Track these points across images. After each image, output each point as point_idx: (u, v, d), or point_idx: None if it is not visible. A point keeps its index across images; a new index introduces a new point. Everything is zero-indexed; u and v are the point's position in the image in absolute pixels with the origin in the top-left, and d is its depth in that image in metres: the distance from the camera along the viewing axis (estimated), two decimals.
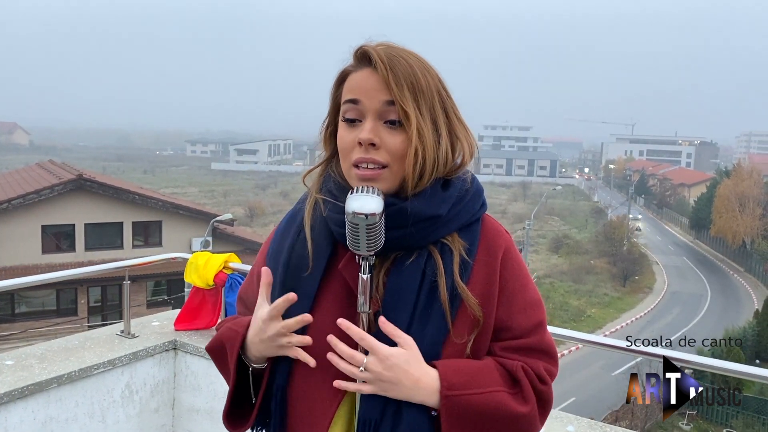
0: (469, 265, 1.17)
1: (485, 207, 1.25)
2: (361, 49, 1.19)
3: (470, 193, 1.22)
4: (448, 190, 1.19)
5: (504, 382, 1.15)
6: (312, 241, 1.23)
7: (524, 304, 1.21)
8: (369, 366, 1.10)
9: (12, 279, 3.10)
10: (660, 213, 74.86)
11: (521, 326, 1.20)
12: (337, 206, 1.19)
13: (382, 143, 1.15)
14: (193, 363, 3.15)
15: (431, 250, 1.17)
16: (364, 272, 1.14)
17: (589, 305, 36.36)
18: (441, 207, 1.17)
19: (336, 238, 1.21)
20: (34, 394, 2.64)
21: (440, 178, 1.19)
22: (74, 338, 3.18)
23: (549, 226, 60.11)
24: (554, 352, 1.24)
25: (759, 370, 2.18)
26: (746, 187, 49.01)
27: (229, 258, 3.22)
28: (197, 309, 3.30)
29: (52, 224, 23.03)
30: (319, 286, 1.20)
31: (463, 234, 1.20)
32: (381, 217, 1.10)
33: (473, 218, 1.22)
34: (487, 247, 1.20)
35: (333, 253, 1.22)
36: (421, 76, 1.15)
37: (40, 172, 27.04)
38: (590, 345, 2.60)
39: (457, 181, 1.21)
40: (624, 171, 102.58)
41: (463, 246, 1.18)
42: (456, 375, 1.12)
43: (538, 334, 1.21)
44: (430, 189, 1.17)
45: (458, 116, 1.21)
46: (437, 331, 1.14)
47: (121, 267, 3.34)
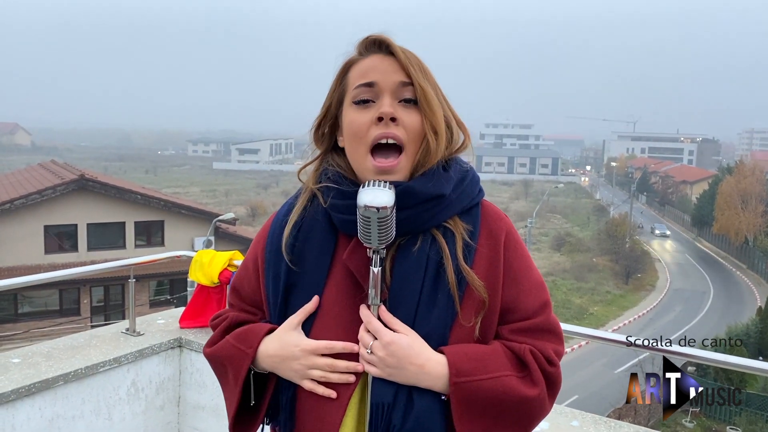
0: (473, 248, 1.19)
1: (483, 192, 1.28)
2: (371, 37, 1.23)
3: (469, 176, 1.25)
4: (448, 171, 1.22)
5: (512, 366, 1.16)
6: (314, 234, 1.23)
7: (529, 285, 1.23)
8: (374, 349, 1.13)
9: (18, 277, 3.11)
10: (662, 210, 74.80)
11: (528, 307, 1.21)
12: (341, 192, 1.20)
13: (400, 121, 1.18)
14: (198, 360, 3.17)
15: (435, 234, 1.19)
16: (375, 265, 1.15)
17: (591, 303, 36.35)
18: (445, 186, 1.20)
19: (337, 228, 1.22)
20: (41, 391, 2.65)
21: (440, 160, 1.22)
22: (80, 336, 3.19)
23: (551, 224, 60.07)
24: (560, 331, 1.25)
25: (761, 363, 2.19)
26: (748, 184, 48.97)
27: (234, 256, 3.23)
28: (202, 307, 3.32)
29: (54, 224, 23.09)
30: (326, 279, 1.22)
31: (464, 218, 1.22)
32: (392, 210, 1.12)
33: (473, 202, 1.24)
34: (488, 231, 1.23)
35: (335, 243, 1.23)
36: (423, 63, 1.22)
37: (42, 172, 27.10)
38: (594, 340, 2.61)
39: (455, 165, 1.24)
40: (626, 168, 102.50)
41: (466, 229, 1.20)
42: (464, 361, 1.13)
43: (544, 313, 1.23)
44: (432, 170, 1.20)
45: (449, 103, 1.27)
46: (444, 314, 1.16)
47: (126, 265, 3.35)
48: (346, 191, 1.19)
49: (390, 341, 1.12)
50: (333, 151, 1.29)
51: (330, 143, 1.29)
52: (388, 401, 1.13)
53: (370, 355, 1.13)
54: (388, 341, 1.12)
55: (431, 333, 1.15)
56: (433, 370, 1.13)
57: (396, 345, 1.12)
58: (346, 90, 1.24)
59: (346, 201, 1.19)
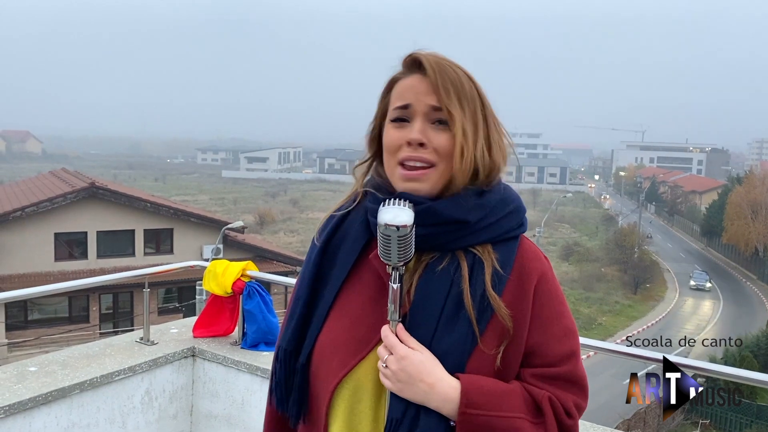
0: (504, 278, 1.19)
1: (525, 227, 1.27)
2: (411, 57, 1.26)
3: (509, 207, 1.25)
4: (483, 198, 1.22)
5: (528, 410, 1.14)
6: (351, 230, 1.29)
7: (559, 332, 1.21)
8: (388, 363, 1.15)
9: (35, 287, 3.17)
10: (671, 220, 74.44)
11: (554, 353, 1.19)
12: (376, 198, 1.25)
13: (429, 143, 1.21)
14: (211, 369, 3.20)
15: (460, 257, 1.20)
16: (395, 281, 1.17)
17: (600, 313, 36.18)
18: (471, 213, 1.20)
19: (371, 229, 1.26)
20: (57, 400, 2.69)
21: (477, 187, 1.23)
22: (95, 345, 3.23)
23: (559, 233, 59.90)
24: (585, 385, 1.22)
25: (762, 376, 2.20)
26: (758, 194, 48.71)
27: (247, 266, 3.27)
28: (215, 316, 3.35)
29: (64, 232, 23.23)
30: (350, 273, 1.26)
31: (497, 248, 1.22)
32: (412, 229, 1.15)
33: (509, 235, 1.23)
34: (521, 267, 1.21)
35: (368, 242, 1.27)
36: (465, 83, 1.23)
37: (53, 180, 27.30)
38: (603, 352, 2.62)
39: (493, 193, 1.24)
40: (635, 178, 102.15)
41: (496, 258, 1.20)
42: (478, 393, 1.12)
43: (570, 363, 1.20)
44: (463, 194, 1.21)
45: (496, 123, 1.27)
46: (463, 338, 1.16)
47: (141, 275, 3.40)
48: (380, 197, 1.23)
49: (403, 356, 1.14)
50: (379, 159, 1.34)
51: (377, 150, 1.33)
52: (398, 417, 1.15)
53: (385, 369, 1.16)
54: (402, 355, 1.14)
55: (447, 355, 1.15)
56: (443, 391, 1.12)
57: (408, 360, 1.13)
58: (388, 106, 1.28)
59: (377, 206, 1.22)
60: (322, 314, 1.25)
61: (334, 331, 1.23)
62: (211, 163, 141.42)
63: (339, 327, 1.23)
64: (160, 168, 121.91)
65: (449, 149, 1.20)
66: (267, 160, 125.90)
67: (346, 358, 1.20)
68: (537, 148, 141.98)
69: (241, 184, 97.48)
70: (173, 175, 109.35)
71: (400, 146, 1.22)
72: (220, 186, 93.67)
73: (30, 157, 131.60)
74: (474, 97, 1.23)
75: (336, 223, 1.31)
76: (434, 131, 1.21)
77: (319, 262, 1.29)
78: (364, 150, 1.35)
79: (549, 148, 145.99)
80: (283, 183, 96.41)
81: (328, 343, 1.23)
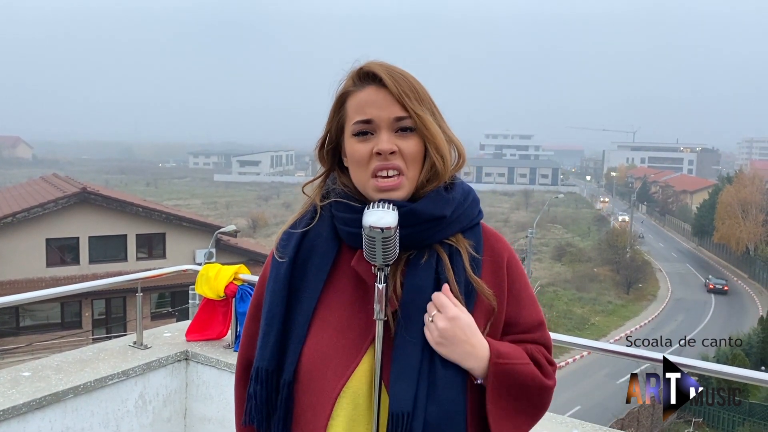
0: (479, 261, 1.29)
1: (482, 214, 1.37)
2: (363, 69, 1.28)
3: (470, 198, 1.34)
4: (451, 193, 1.30)
5: (531, 360, 1.28)
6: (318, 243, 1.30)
7: (529, 303, 1.34)
8: (436, 319, 1.21)
9: (26, 293, 3.17)
10: (662, 220, 74.81)
11: (528, 322, 1.33)
12: (349, 207, 1.28)
13: (399, 150, 1.25)
14: (205, 373, 3.21)
15: (438, 250, 1.27)
16: (380, 282, 1.21)
17: (593, 313, 36.31)
18: (446, 208, 1.27)
19: (342, 239, 1.30)
20: (52, 404, 2.70)
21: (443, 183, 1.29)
22: (89, 349, 3.24)
23: (551, 234, 60.07)
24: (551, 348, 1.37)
25: (763, 375, 2.23)
26: (748, 194, 49.03)
27: (240, 269, 3.28)
28: (208, 320, 3.36)
29: (56, 237, 23.09)
30: (325, 284, 1.28)
31: (467, 235, 1.30)
32: (396, 231, 1.19)
33: (473, 222, 1.33)
34: (491, 249, 1.32)
35: (338, 252, 1.30)
36: (418, 87, 1.27)
37: (43, 185, 27.16)
38: (596, 351, 2.65)
39: (457, 187, 1.32)
40: (626, 178, 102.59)
41: (470, 245, 1.29)
42: (503, 346, 1.26)
43: (540, 330, 1.35)
44: (435, 192, 1.27)
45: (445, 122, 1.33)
46: None
47: (134, 279, 3.40)
48: (354, 206, 1.27)
49: (454, 316, 1.21)
50: (339, 170, 1.35)
51: (333, 163, 1.36)
52: (408, 410, 1.18)
53: (431, 323, 1.21)
54: (452, 316, 1.20)
55: None
56: (479, 353, 1.22)
57: (459, 322, 1.21)
58: (344, 121, 1.30)
59: (353, 215, 1.26)
60: (302, 328, 1.26)
61: (321, 343, 1.25)
62: (203, 167, 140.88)
63: (325, 338, 1.25)
64: (151, 172, 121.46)
65: (418, 154, 1.26)
66: (259, 164, 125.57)
67: (340, 367, 1.22)
68: (529, 150, 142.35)
69: (233, 187, 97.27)
70: (165, 179, 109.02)
71: (370, 158, 1.25)
72: (212, 190, 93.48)
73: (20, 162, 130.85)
74: (428, 98, 1.28)
75: (299, 237, 1.32)
76: (400, 139, 1.25)
77: (289, 277, 1.30)
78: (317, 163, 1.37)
79: (541, 149, 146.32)
80: (275, 186, 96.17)
81: (316, 355, 1.24)
